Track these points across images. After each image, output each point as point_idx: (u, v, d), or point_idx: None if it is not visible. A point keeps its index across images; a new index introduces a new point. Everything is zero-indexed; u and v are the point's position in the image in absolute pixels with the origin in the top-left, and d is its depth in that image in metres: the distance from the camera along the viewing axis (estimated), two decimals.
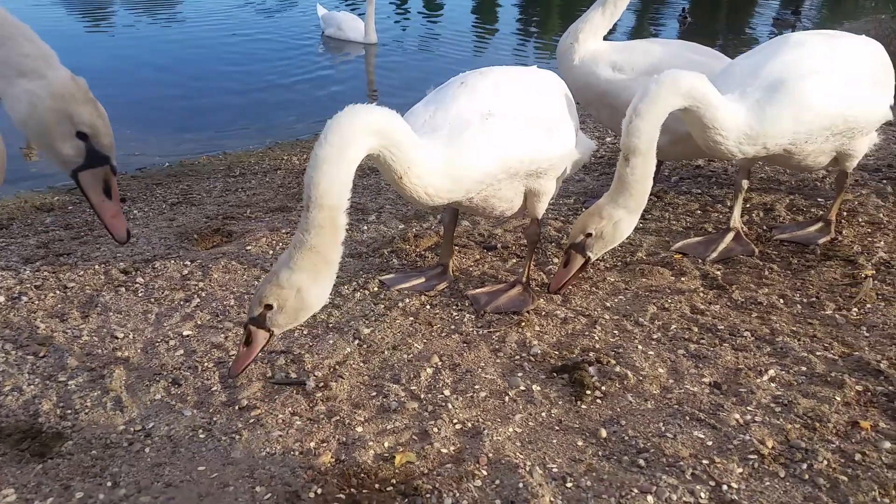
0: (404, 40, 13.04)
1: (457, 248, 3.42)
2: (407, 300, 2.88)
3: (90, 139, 1.86)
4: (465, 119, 2.39)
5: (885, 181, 4.03)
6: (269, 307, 2.11)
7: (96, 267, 3.32)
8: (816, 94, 2.64)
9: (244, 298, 2.97)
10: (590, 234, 2.56)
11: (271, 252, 3.53)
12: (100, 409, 2.24)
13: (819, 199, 3.81)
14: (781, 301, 2.72)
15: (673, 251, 3.26)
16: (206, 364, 2.49)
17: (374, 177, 5.02)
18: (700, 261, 3.14)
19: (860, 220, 3.48)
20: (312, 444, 2.07)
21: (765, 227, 3.49)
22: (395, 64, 11.77)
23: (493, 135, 2.40)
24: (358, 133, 2.06)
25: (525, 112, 2.52)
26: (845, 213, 3.54)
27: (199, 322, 2.73)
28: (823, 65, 2.71)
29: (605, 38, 3.74)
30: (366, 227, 3.86)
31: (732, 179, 4.20)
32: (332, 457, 2.02)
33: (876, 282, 2.81)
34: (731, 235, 3.25)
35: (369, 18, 12.39)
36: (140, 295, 3.08)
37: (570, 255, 2.61)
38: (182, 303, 2.99)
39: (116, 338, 2.69)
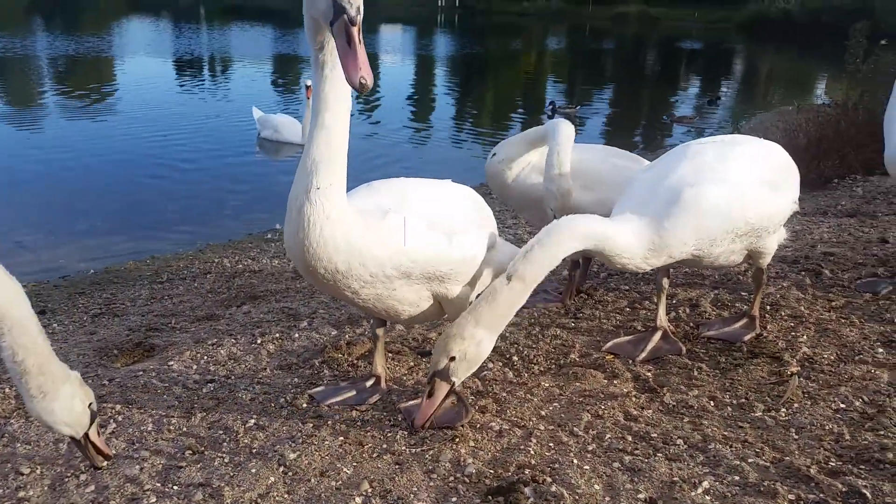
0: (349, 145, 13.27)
1: (390, 354, 3.36)
2: (337, 417, 2.77)
3: None
4: (367, 212, 2.47)
5: (803, 273, 4.19)
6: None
7: (7, 390, 3.11)
8: (711, 202, 2.73)
9: (163, 422, 2.81)
10: (453, 358, 2.44)
11: (195, 367, 3.38)
12: None
13: (742, 293, 3.92)
14: (712, 403, 2.73)
15: (604, 351, 3.27)
16: (118, 501, 2.30)
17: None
18: (631, 361, 3.15)
19: (783, 313, 3.58)
20: None
21: (692, 325, 3.55)
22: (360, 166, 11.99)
23: (391, 231, 2.45)
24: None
25: (426, 215, 2.57)
26: (768, 307, 3.65)
27: (113, 451, 2.56)
28: (718, 173, 2.81)
29: None
30: (297, 335, 3.76)
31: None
32: None
33: (801, 379, 2.86)
34: (658, 335, 3.29)
35: (307, 120, 12.65)
36: None
37: (435, 384, 2.48)
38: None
39: (21, 474, 2.48)
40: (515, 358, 3.26)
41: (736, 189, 2.80)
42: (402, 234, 2.48)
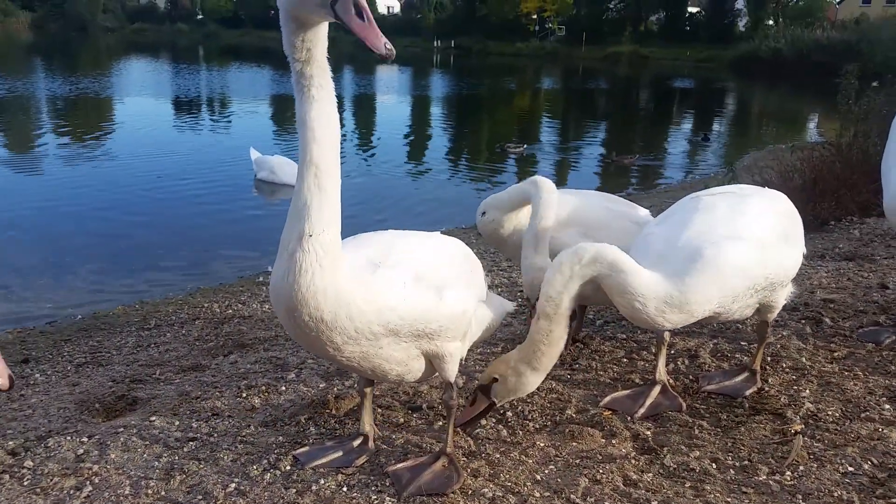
0: (353, 184, 13.23)
1: (379, 409, 3.24)
2: (322, 481, 2.64)
3: None
4: (357, 265, 2.37)
5: (803, 321, 4.10)
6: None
7: None
8: (734, 260, 2.66)
9: (141, 484, 2.68)
10: (496, 379, 2.62)
11: (177, 423, 3.26)
12: None
13: (742, 343, 3.83)
14: (714, 466, 2.61)
15: (602, 407, 3.16)
16: None
17: None
18: (629, 418, 3.04)
19: (784, 365, 3.49)
20: None
21: (691, 377, 3.45)
22: (350, 209, 11.99)
23: (380, 286, 2.35)
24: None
25: (416, 269, 2.47)
26: (769, 359, 3.55)
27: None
28: (736, 228, 2.76)
29: None
30: (284, 388, 3.64)
31: None
32: None
33: (806, 438, 2.75)
34: (657, 389, 3.19)
35: None
36: (26, 484, 2.76)
37: (477, 396, 2.68)
38: (72, 492, 2.68)
39: None
40: (510, 413, 3.15)
41: (755, 245, 2.75)
42: (392, 290, 2.37)
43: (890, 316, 4.11)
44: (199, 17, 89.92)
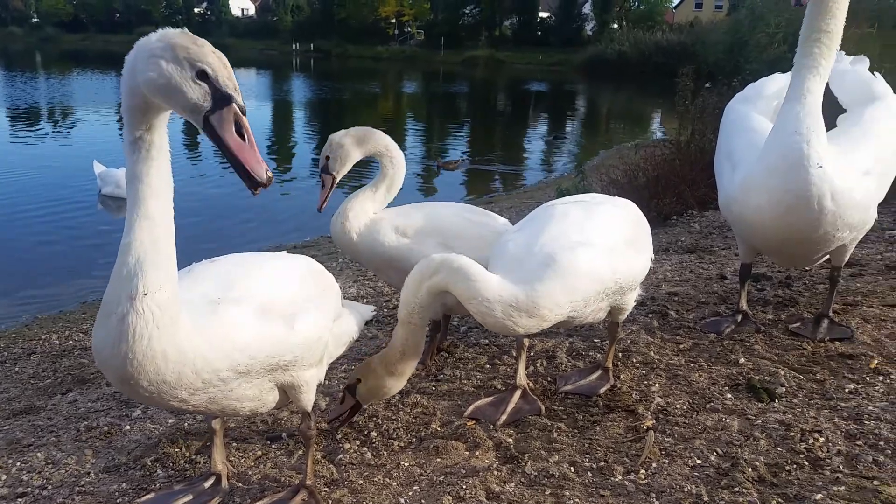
0: (194, 195, 12.56)
1: (234, 443, 3.05)
2: None
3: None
4: (193, 305, 2.17)
5: (650, 315, 4.31)
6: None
7: None
8: (585, 265, 2.72)
9: None
10: (359, 381, 2.73)
11: (4, 477, 2.92)
12: None
13: (596, 340, 3.96)
14: (572, 469, 2.66)
15: (465, 418, 3.14)
16: None
17: None
18: (492, 426, 3.05)
19: (634, 360, 3.63)
20: None
21: (549, 378, 3.52)
22: (186, 222, 11.43)
23: (222, 327, 2.17)
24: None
25: (261, 299, 2.30)
26: (620, 355, 3.69)
27: None
28: (587, 235, 2.83)
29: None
30: (129, 427, 3.36)
31: None
32: None
33: (657, 433, 2.86)
34: (517, 394, 3.22)
35: None
36: None
37: (345, 395, 2.80)
38: None
39: None
40: (374, 434, 3.06)
41: (605, 250, 2.83)
42: (238, 330, 2.18)
43: (729, 306, 4.40)
44: (35, 19, 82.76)
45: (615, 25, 62.70)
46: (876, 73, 4.04)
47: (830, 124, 3.69)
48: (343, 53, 66.44)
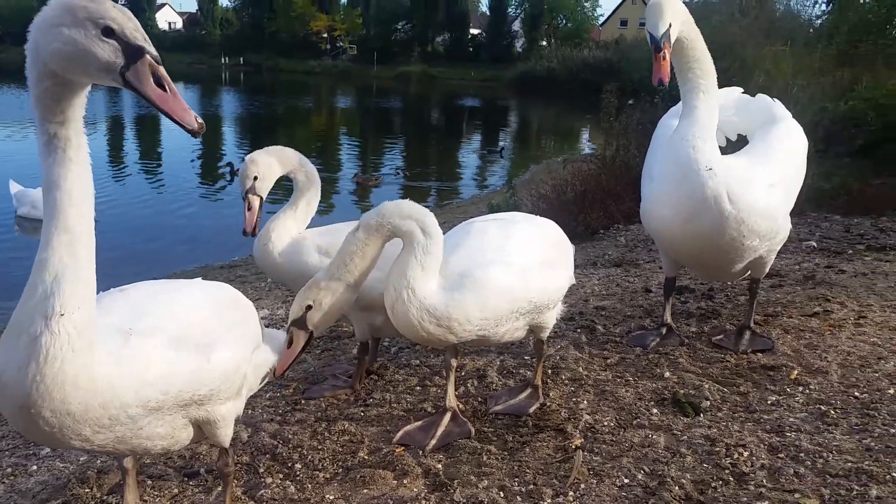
0: (116, 214, 12.08)
1: (148, 480, 2.89)
2: None
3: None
4: (104, 335, 2.00)
5: (579, 330, 4.33)
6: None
7: None
8: (497, 284, 2.76)
9: None
10: (309, 307, 2.68)
11: None
12: None
13: (526, 358, 3.95)
14: (502, 494, 2.61)
15: (394, 444, 3.06)
16: None
17: None
18: (421, 452, 2.98)
19: (563, 377, 3.63)
20: None
21: (480, 399, 3.48)
22: (107, 244, 10.93)
23: (133, 360, 2.02)
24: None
25: (175, 329, 2.17)
26: (550, 371, 3.68)
27: None
28: (503, 254, 2.86)
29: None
30: (35, 467, 3.15)
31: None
32: None
33: (585, 452, 2.85)
34: (447, 417, 3.16)
35: None
36: None
37: (293, 334, 2.70)
38: None
39: None
40: (298, 465, 2.94)
41: (520, 269, 2.86)
42: (149, 363, 2.04)
43: (654, 319, 4.47)
44: None
45: (544, 43, 64.14)
46: (775, 98, 4.23)
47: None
48: (274, 67, 65.67)
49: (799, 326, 4.16)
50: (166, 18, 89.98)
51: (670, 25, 3.39)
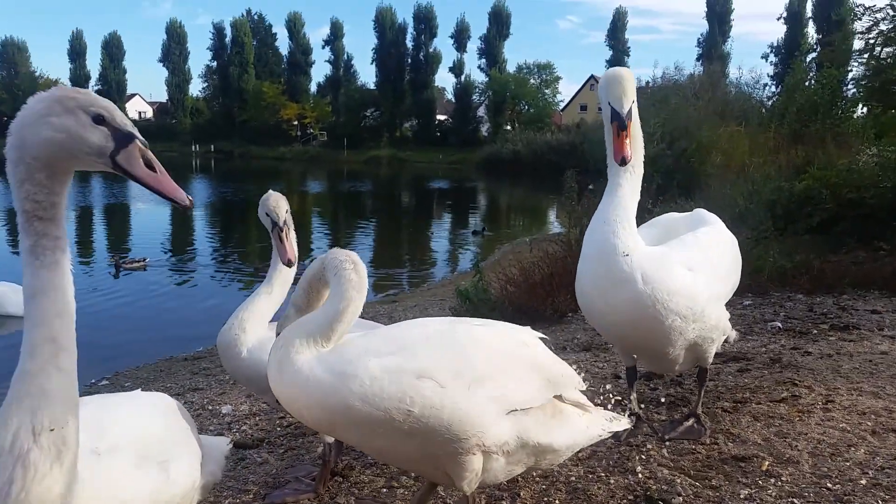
0: (80, 309, 11.80)
1: None
2: None
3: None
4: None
5: None
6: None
7: None
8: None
9: None
10: None
11: None
12: None
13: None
14: None
15: None
16: None
17: None
18: None
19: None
20: None
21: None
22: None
23: (103, 481, 1.94)
24: None
25: (134, 445, 2.10)
26: None
27: None
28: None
29: None
30: None
31: None
32: None
33: None
34: None
35: None
36: None
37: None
38: None
39: None
40: None
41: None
42: (120, 484, 1.98)
43: (623, 408, 4.39)
44: None
45: (508, 127, 66.14)
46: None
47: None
48: (246, 154, 66.51)
49: (768, 413, 4.13)
50: (136, 108, 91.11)
51: (633, 102, 3.46)
